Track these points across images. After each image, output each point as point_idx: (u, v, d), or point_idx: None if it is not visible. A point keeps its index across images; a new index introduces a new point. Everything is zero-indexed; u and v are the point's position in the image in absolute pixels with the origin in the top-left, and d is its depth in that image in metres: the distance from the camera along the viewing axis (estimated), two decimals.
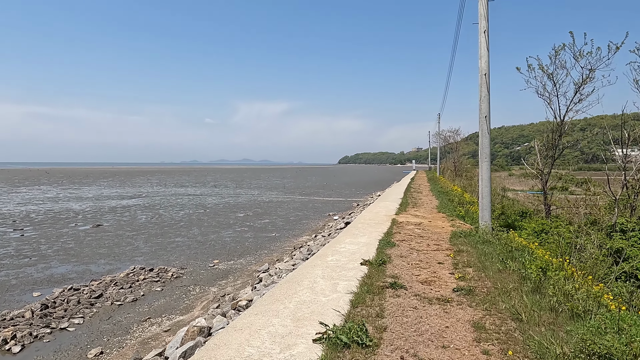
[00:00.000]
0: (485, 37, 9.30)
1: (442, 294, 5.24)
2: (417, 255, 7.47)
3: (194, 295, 8.74)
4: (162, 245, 14.13)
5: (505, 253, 7.19)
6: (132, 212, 23.12)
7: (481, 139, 9.72)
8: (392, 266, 6.66)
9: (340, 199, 32.35)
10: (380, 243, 8.52)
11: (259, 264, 11.37)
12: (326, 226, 17.66)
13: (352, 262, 6.95)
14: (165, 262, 11.66)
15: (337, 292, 5.34)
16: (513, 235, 8.12)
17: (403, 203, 17.45)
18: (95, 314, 7.57)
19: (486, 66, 9.39)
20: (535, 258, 6.31)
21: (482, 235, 8.88)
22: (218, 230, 17.33)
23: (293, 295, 5.24)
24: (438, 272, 6.33)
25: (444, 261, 7.07)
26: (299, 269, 6.61)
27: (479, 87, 9.56)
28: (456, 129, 48.38)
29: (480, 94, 9.52)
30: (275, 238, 15.48)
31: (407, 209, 15.06)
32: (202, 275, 10.31)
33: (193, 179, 68.34)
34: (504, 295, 5.01)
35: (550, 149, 13.26)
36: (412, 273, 6.26)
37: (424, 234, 9.72)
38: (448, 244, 8.55)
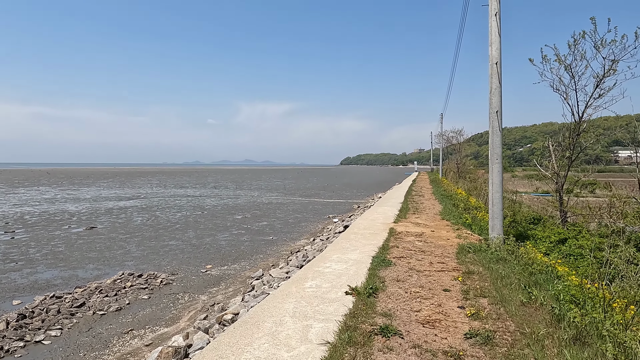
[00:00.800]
0: (497, 20, 8.34)
1: (451, 344, 3.95)
2: (417, 279, 6.11)
3: (182, 304, 8.26)
4: (154, 249, 13.66)
5: (526, 276, 6.07)
6: (128, 214, 22.68)
7: (491, 138, 8.67)
8: (386, 296, 5.32)
9: (340, 200, 31.85)
10: (373, 261, 7.17)
11: (254, 269, 10.88)
12: (325, 229, 17.16)
13: (335, 290, 5.53)
14: (156, 267, 11.19)
15: (307, 341, 3.97)
16: (532, 251, 7.17)
17: (403, 208, 15.99)
18: (74, 325, 7.10)
19: (497, 54, 8.41)
20: (568, 288, 5.17)
21: (495, 250, 7.77)
22: (214, 233, 16.86)
23: (245, 348, 3.81)
24: (444, 306, 4.99)
25: (451, 287, 5.71)
26: (263, 303, 5.13)
27: (489, 78, 8.57)
28: (459, 130, 47.27)
29: (491, 86, 8.54)
30: (273, 242, 15.00)
31: (408, 216, 13.70)
32: (193, 282, 9.83)
33: (194, 180, 67.95)
34: (535, 346, 3.77)
35: (567, 149, 12.09)
36: (410, 307, 4.91)
37: (426, 248, 8.35)
38: (455, 262, 7.28)
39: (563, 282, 5.56)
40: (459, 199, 18.09)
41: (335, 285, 5.80)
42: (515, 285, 5.53)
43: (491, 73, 8.56)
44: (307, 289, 5.63)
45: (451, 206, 16.25)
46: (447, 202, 17.84)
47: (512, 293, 5.24)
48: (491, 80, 8.58)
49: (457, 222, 11.99)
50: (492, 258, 7.23)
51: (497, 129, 8.65)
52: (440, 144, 50.00)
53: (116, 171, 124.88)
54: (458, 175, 40.73)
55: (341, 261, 7.31)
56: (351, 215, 20.16)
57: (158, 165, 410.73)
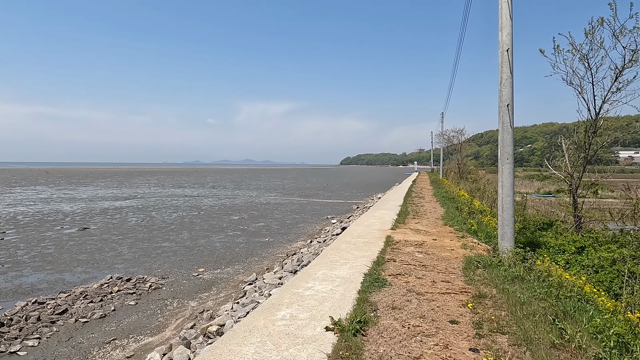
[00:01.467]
0: (508, 1, 7.48)
1: None
2: (417, 305, 4.99)
3: (170, 310, 7.87)
4: (147, 251, 13.27)
5: (552, 302, 4.91)
6: (123, 214, 22.29)
7: (501, 135, 7.68)
8: (377, 333, 4.15)
9: (340, 201, 31.46)
10: (365, 280, 5.94)
11: (247, 273, 10.49)
12: (323, 231, 16.77)
13: (313, 324, 4.35)
14: (147, 271, 10.80)
15: None
16: (552, 268, 6.11)
17: (402, 212, 14.73)
18: (54, 334, 6.71)
19: (509, 40, 7.49)
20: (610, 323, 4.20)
21: (508, 264, 6.72)
22: (209, 234, 16.47)
23: None
24: (452, 347, 3.87)
25: (460, 317, 4.61)
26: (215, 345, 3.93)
27: (499, 67, 7.62)
28: (460, 129, 46.13)
29: (501, 76, 7.57)
30: (269, 243, 14.61)
31: (407, 221, 12.48)
32: (184, 287, 9.44)
33: (192, 180, 67.57)
34: None
35: (582, 148, 11.01)
36: (408, 352, 3.74)
37: (427, 261, 7.24)
38: (462, 280, 6.10)
39: (599, 313, 4.61)
40: (462, 202, 16.72)
41: (315, 315, 4.60)
42: (541, 317, 4.49)
43: (501, 61, 7.58)
44: (279, 322, 4.40)
45: (454, 210, 14.97)
46: (449, 205, 16.69)
47: (537, 328, 4.19)
48: (501, 69, 7.62)
49: (461, 228, 10.92)
50: (507, 276, 6.10)
51: (508, 125, 7.65)
52: (441, 144, 49.00)
53: (115, 170, 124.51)
54: (459, 176, 40.21)
55: (327, 279, 6.07)
56: (350, 216, 19.78)
57: (158, 165, 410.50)
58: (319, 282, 5.99)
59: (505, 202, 7.68)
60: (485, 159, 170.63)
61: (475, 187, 26.61)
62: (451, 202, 18.00)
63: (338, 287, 5.74)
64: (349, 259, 7.50)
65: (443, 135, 47.43)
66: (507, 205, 7.65)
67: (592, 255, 8.24)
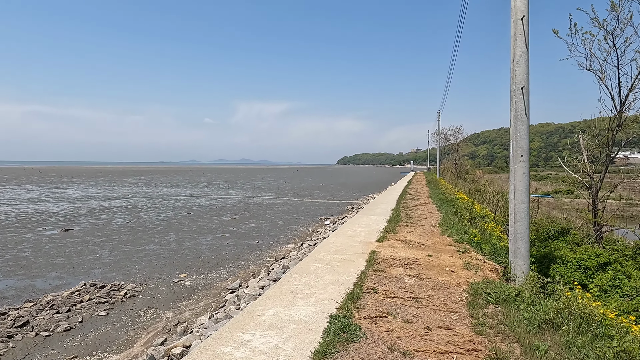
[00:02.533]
0: None
1: None
2: None
3: (143, 322, 7.22)
4: (128, 254, 12.60)
5: None
6: (110, 215, 21.58)
7: (514, 126, 6.29)
8: None
9: (334, 201, 30.84)
10: (329, 328, 4.20)
11: (231, 279, 9.85)
12: (315, 232, 16.15)
13: None
14: (125, 276, 10.14)
15: None
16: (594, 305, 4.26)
17: (393, 217, 12.85)
18: (8, 351, 6.05)
19: (524, 5, 6.07)
20: None
21: (529, 298, 4.87)
22: (197, 236, 15.81)
23: None
24: None
25: None
26: None
27: (511, 41, 6.17)
28: (457, 127, 45.00)
29: (514, 52, 6.15)
30: (257, 246, 13.97)
31: (398, 229, 10.73)
32: (162, 294, 8.80)
33: (187, 179, 66.77)
34: None
35: (604, 146, 9.52)
36: None
37: (420, 291, 5.44)
38: (468, 326, 4.37)
39: None
40: (461, 206, 14.99)
41: None
42: None
43: (514, 33, 6.09)
44: None
45: (452, 215, 13.16)
46: (447, 209, 14.94)
47: None
48: (514, 42, 6.13)
49: (461, 239, 9.23)
50: (531, 320, 4.30)
51: (522, 113, 6.17)
52: (438, 143, 47.90)
53: (110, 170, 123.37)
54: (457, 176, 39.50)
55: (276, 326, 4.31)
56: (344, 217, 19.16)
57: (154, 164, 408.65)
58: (263, 330, 4.19)
59: (518, 210, 6.20)
60: (482, 159, 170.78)
61: (474, 188, 24.97)
62: (449, 205, 16.58)
63: (286, 342, 3.94)
64: (316, 287, 5.70)
65: (440, 134, 46.31)
66: (521, 214, 6.19)
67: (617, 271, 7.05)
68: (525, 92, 6.22)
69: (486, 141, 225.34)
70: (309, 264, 7.16)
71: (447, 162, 49.46)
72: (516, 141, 6.38)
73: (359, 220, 13.03)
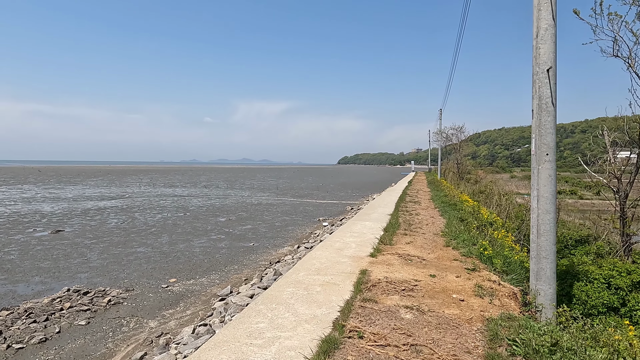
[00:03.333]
0: None
1: None
2: None
3: (125, 333, 6.76)
4: (118, 257, 12.15)
5: None
6: (104, 215, 21.13)
7: (537, 117, 5.12)
8: None
9: (334, 201, 30.38)
10: None
11: (223, 284, 9.40)
12: (313, 234, 15.68)
13: None
14: (112, 281, 9.69)
15: None
16: None
17: (391, 224, 11.47)
18: None
19: None
20: None
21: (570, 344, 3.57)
22: (191, 238, 15.35)
23: None
24: None
25: None
26: None
27: (534, 11, 5.10)
28: (460, 126, 43.95)
29: (537, 25, 5.05)
30: (253, 249, 13.50)
31: (396, 239, 9.38)
32: (148, 301, 8.34)
33: (186, 179, 66.36)
34: None
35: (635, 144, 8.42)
36: None
37: (419, 334, 4.13)
38: None
39: None
40: (466, 210, 13.46)
41: None
42: None
43: (538, 2, 5.05)
44: None
45: (457, 221, 11.76)
46: (450, 214, 13.50)
47: None
48: (537, 14, 5.03)
49: (469, 251, 7.86)
50: None
51: (548, 102, 5.01)
52: (439, 142, 46.63)
53: (109, 169, 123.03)
54: (459, 176, 38.77)
55: None
56: (343, 219, 18.69)
57: (155, 164, 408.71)
58: None
59: (543, 222, 4.97)
60: (483, 159, 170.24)
61: (477, 190, 23.50)
62: (452, 209, 15.19)
63: None
64: (283, 327, 4.33)
65: (441, 133, 45.32)
66: (547, 226, 4.95)
67: None
68: (552, 75, 4.99)
69: (487, 141, 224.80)
70: (281, 289, 5.64)
71: (449, 162, 48.90)
72: (540, 136, 5.08)
73: (352, 227, 11.57)
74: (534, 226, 5.14)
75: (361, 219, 13.51)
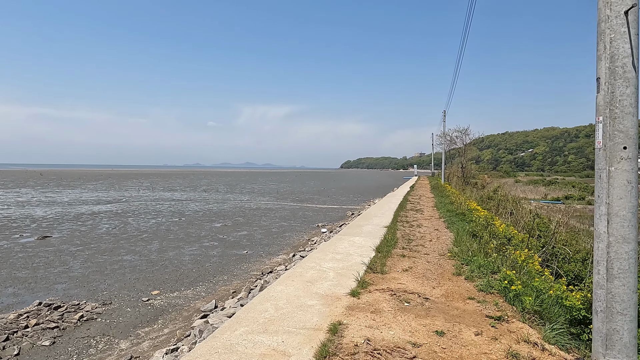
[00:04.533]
0: None
1: None
2: None
3: (90, 356, 6.01)
4: (102, 266, 11.44)
5: None
6: (96, 220, 20.46)
7: (609, 88, 3.38)
8: None
9: (334, 206, 29.62)
10: None
11: (208, 298, 8.66)
12: (310, 241, 14.93)
13: None
14: (90, 293, 8.97)
15: None
16: None
17: (386, 240, 9.54)
18: None
19: None
20: None
21: None
22: (182, 245, 14.63)
23: None
24: None
25: None
26: None
27: None
28: (465, 128, 42.49)
29: None
30: (245, 257, 12.77)
31: (390, 263, 7.50)
32: (125, 317, 7.61)
33: (187, 182, 65.80)
34: None
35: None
36: None
37: None
38: None
39: None
40: (477, 222, 11.06)
41: None
42: None
43: None
44: None
45: (468, 236, 9.68)
46: (458, 226, 11.63)
47: None
48: None
49: (488, 283, 5.88)
50: None
51: (625, 62, 3.31)
52: (443, 145, 44.82)
53: (111, 173, 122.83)
54: (463, 181, 37.69)
55: None
56: (342, 225, 17.92)
57: (158, 167, 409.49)
58: None
59: (617, 256, 3.35)
60: (486, 163, 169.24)
61: (486, 195, 21.22)
62: (460, 219, 13.16)
63: None
64: None
65: (445, 135, 43.93)
66: (624, 263, 3.34)
67: None
68: (634, 21, 3.29)
69: (490, 145, 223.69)
70: None
71: (452, 166, 47.98)
72: (613, 119, 3.36)
73: (336, 245, 9.23)
74: (600, 262, 3.45)
75: (350, 232, 11.52)
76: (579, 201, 28.48)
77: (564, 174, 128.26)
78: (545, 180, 62.25)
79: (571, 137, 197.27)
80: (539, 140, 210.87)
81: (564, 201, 28.84)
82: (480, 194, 22.85)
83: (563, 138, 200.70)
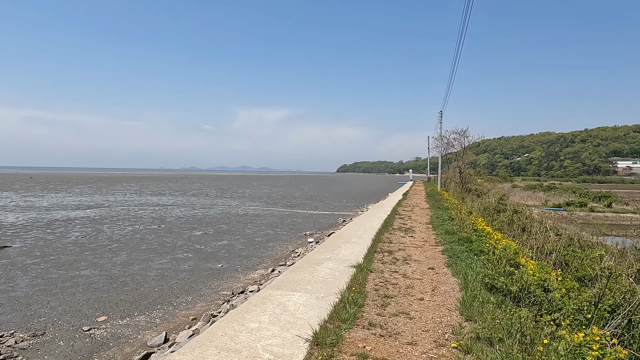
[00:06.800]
0: None
1: None
2: None
3: None
4: (53, 283, 10.05)
5: None
6: (68, 228, 19.02)
7: None
8: None
9: (326, 212, 28.30)
10: None
11: (162, 327, 7.29)
12: (293, 253, 13.59)
13: None
14: (25, 320, 7.59)
15: None
16: None
17: (343, 309, 5.45)
18: None
19: None
20: None
21: None
22: (153, 256, 13.25)
23: None
24: None
25: None
26: None
27: None
28: (463, 130, 38.81)
29: None
30: (219, 272, 11.41)
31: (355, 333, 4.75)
32: (53, 355, 6.23)
33: (178, 187, 64.23)
34: None
35: None
36: None
37: None
38: None
39: None
40: (493, 259, 7.59)
41: None
42: None
43: None
44: None
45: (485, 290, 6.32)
46: (466, 263, 8.36)
47: None
48: None
49: None
50: None
51: None
52: (440, 148, 42.17)
53: (103, 176, 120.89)
54: (462, 188, 35.69)
55: None
56: (331, 234, 16.59)
57: (153, 171, 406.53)
58: None
59: None
60: (482, 167, 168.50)
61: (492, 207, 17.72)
62: (467, 248, 10.00)
63: None
64: None
65: (442, 138, 40.86)
66: None
67: None
68: None
69: (486, 150, 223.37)
70: None
71: (449, 170, 46.67)
72: None
73: (246, 316, 5.50)
74: None
75: (292, 279, 7.38)
76: (581, 208, 27.37)
77: (561, 178, 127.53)
78: (543, 185, 61.24)
79: (567, 141, 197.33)
80: (534, 145, 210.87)
81: (566, 208, 27.67)
82: (484, 204, 19.55)
83: (559, 143, 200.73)
